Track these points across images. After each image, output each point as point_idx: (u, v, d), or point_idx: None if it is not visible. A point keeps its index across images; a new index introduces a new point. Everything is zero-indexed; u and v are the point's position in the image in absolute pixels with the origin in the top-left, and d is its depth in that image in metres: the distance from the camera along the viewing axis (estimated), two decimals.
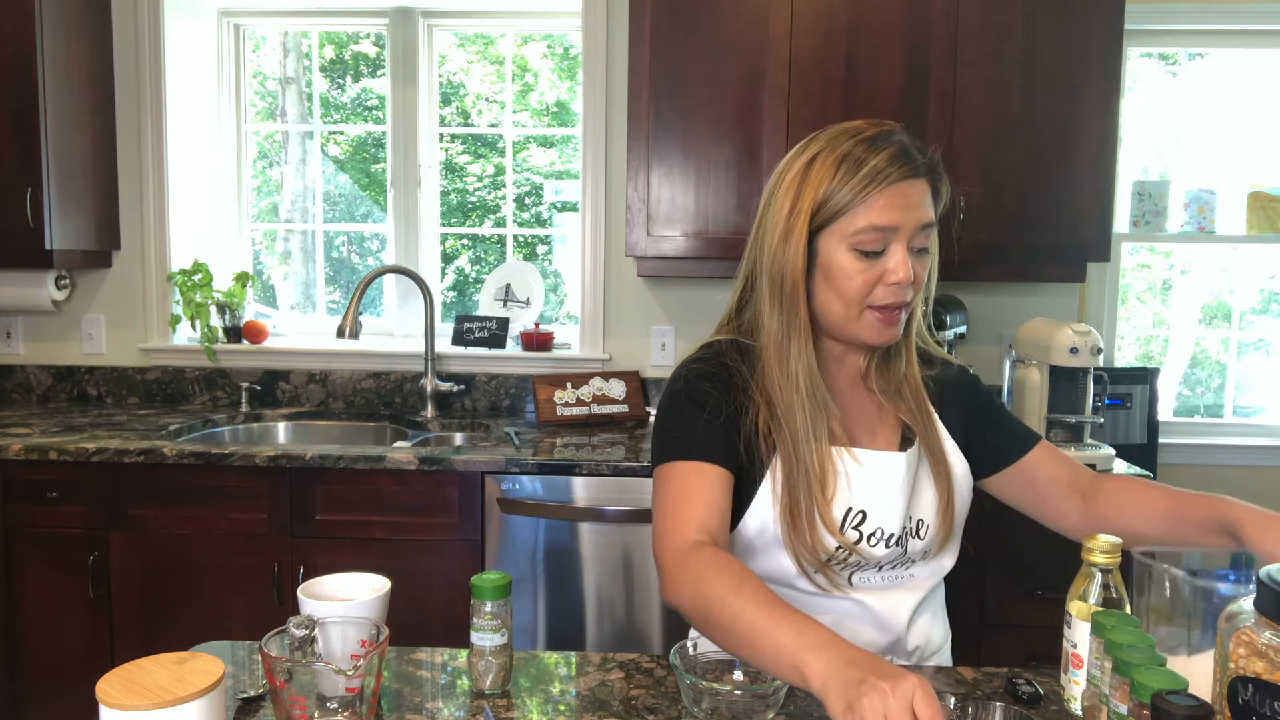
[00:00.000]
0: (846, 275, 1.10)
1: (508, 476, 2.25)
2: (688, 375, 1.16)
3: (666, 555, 1.05)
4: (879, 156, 1.08)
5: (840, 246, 1.10)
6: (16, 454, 2.26)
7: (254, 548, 2.29)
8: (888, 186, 1.07)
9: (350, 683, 0.88)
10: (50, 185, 2.58)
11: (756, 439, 1.12)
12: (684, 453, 1.10)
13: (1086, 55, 2.42)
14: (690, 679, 0.96)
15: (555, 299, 3.20)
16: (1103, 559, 1.01)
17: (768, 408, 1.13)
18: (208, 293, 2.89)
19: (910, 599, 1.18)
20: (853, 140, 1.10)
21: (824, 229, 1.10)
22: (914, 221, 1.10)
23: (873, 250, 1.09)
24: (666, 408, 1.16)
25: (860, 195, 1.07)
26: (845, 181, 1.08)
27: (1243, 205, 2.99)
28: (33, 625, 2.32)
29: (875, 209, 1.07)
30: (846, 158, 1.08)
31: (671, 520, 1.07)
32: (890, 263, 1.09)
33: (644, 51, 2.45)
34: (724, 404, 1.13)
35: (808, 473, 1.10)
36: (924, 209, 1.11)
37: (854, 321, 1.12)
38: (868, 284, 1.10)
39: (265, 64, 3.22)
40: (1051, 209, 2.46)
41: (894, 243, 1.09)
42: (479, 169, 3.26)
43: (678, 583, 1.01)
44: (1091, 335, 2.32)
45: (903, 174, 1.08)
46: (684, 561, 1.02)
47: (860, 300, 1.11)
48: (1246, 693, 0.75)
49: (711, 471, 1.09)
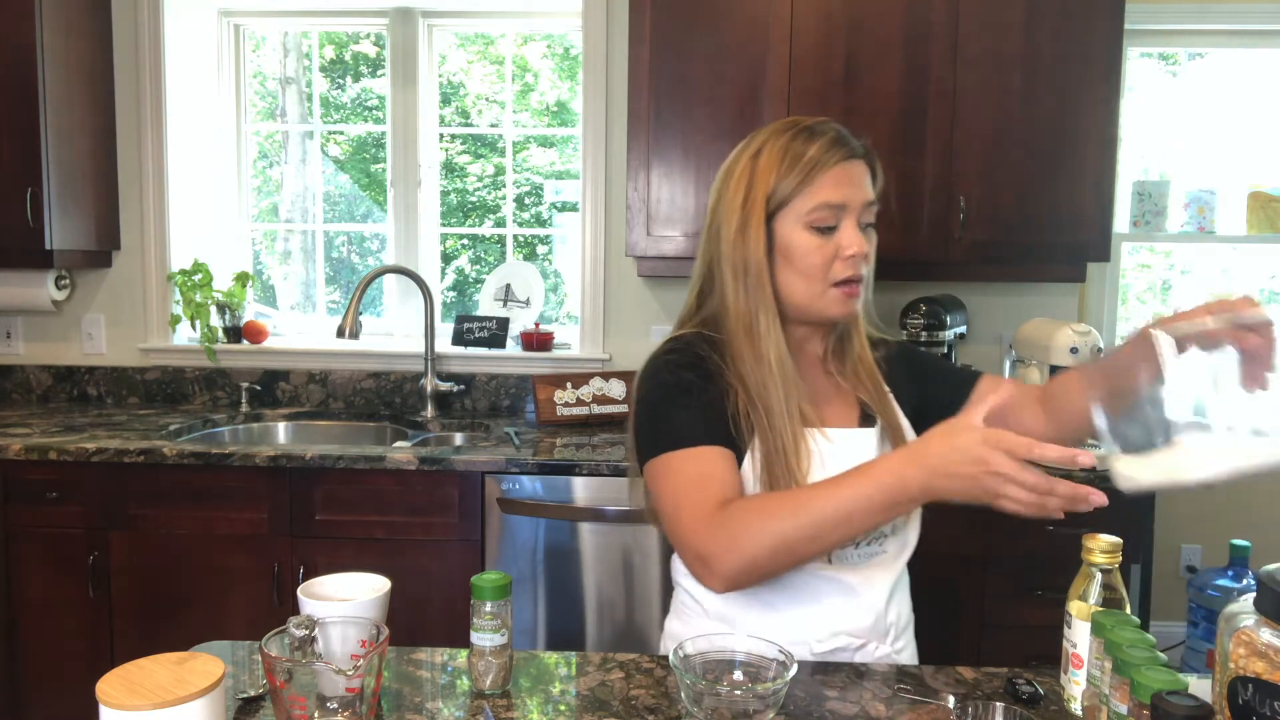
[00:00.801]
0: (805, 253, 1.16)
1: (508, 476, 2.25)
2: (667, 368, 1.18)
3: (699, 536, 1.06)
4: (819, 143, 1.16)
5: (796, 227, 1.16)
6: (16, 454, 2.26)
7: (254, 548, 2.29)
8: (832, 168, 1.15)
9: (350, 683, 0.88)
10: (50, 185, 2.58)
11: (737, 422, 1.16)
12: (688, 441, 1.12)
13: (1086, 55, 2.42)
14: (690, 679, 0.97)
15: (555, 299, 3.20)
16: (1103, 559, 1.01)
17: (744, 391, 1.16)
18: (208, 293, 2.89)
19: (886, 575, 1.21)
20: (793, 131, 1.18)
21: (778, 214, 1.17)
22: (860, 198, 1.17)
23: (827, 226, 1.16)
24: (653, 401, 1.17)
25: (809, 178, 1.15)
26: (793, 167, 1.15)
27: (1243, 205, 2.99)
28: (33, 625, 2.32)
29: (826, 188, 1.15)
30: (790, 147, 1.16)
31: (692, 506, 1.08)
32: (844, 237, 1.16)
33: (644, 51, 2.45)
34: (707, 389, 1.16)
35: (784, 451, 1.13)
36: (866, 187, 1.19)
37: (819, 299, 1.18)
38: (826, 259, 1.16)
39: (265, 64, 3.22)
40: (1051, 209, 2.45)
41: (845, 218, 1.17)
42: (479, 169, 3.26)
43: (729, 551, 1.03)
44: (1091, 335, 2.32)
45: (843, 155, 1.16)
46: (726, 527, 1.04)
47: (823, 276, 1.16)
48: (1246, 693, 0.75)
49: (717, 452, 1.12)
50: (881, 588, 1.20)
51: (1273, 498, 3.06)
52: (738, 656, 1.05)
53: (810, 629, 1.17)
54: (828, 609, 1.18)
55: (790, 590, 1.17)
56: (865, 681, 1.11)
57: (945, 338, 2.50)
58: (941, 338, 2.49)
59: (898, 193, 2.45)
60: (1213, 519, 3.06)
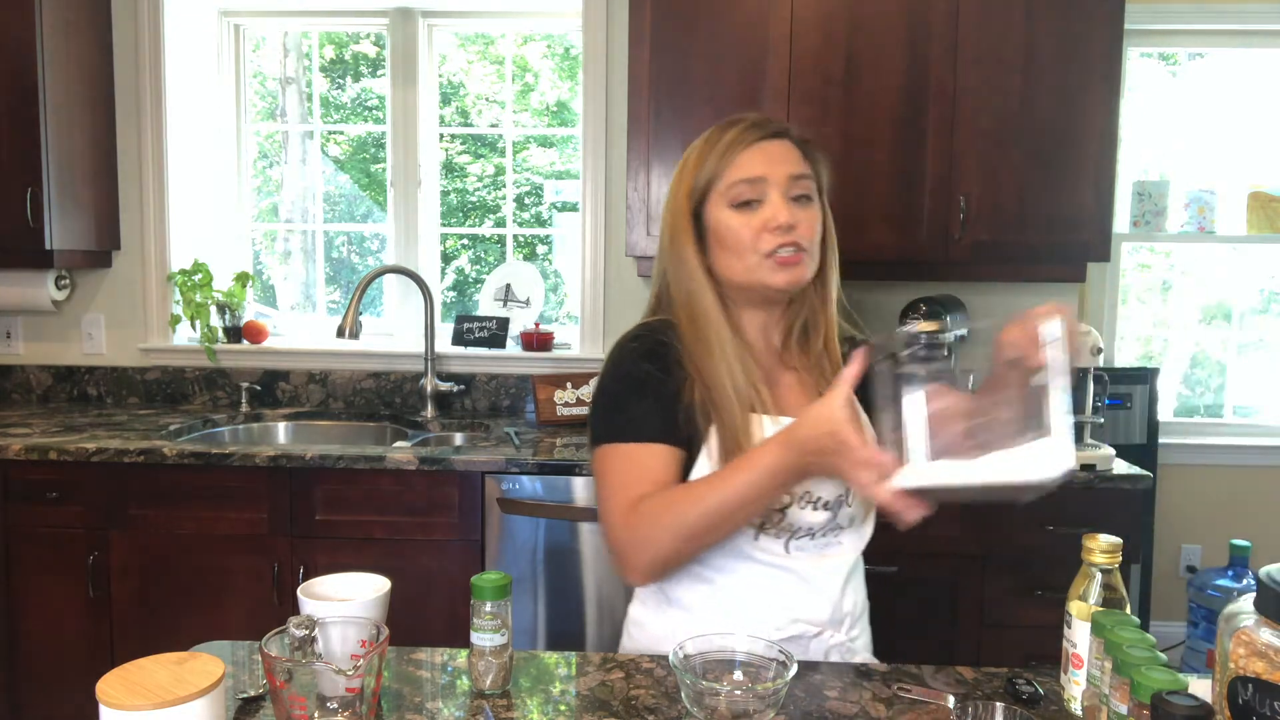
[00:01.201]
0: (732, 229, 1.19)
1: (508, 476, 2.25)
2: (630, 356, 1.21)
3: (615, 533, 1.14)
4: (735, 128, 1.21)
5: (720, 206, 1.20)
6: (16, 454, 2.26)
7: (254, 548, 2.29)
8: (747, 147, 1.19)
9: (350, 683, 0.88)
10: (50, 185, 2.58)
11: (694, 412, 1.17)
12: (628, 433, 1.17)
13: (1086, 55, 2.42)
14: (690, 679, 0.97)
15: (555, 299, 3.20)
16: (1103, 559, 1.01)
17: (700, 379, 1.18)
18: (208, 293, 2.89)
19: (841, 566, 1.22)
20: (716, 126, 1.23)
21: (704, 202, 1.21)
22: (782, 171, 1.19)
23: (748, 200, 1.18)
24: (610, 388, 1.21)
25: (724, 160, 1.19)
26: (709, 155, 1.21)
27: (1243, 205, 2.99)
28: (33, 625, 2.32)
29: (742, 166, 1.19)
30: (709, 138, 1.22)
31: (616, 501, 1.14)
32: (768, 209, 1.18)
33: (644, 51, 2.45)
34: (665, 382, 1.18)
35: (739, 437, 1.15)
36: (790, 162, 1.20)
37: (755, 271, 1.19)
38: (754, 233, 1.18)
39: (265, 64, 3.22)
40: (1051, 209, 2.45)
41: (768, 191, 1.18)
42: (479, 169, 3.26)
43: (642, 545, 1.11)
44: (1091, 335, 2.31)
45: (760, 135, 1.20)
46: (638, 522, 1.11)
47: (753, 248, 1.18)
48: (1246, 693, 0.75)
49: (656, 450, 1.16)
50: (837, 578, 1.21)
51: (1273, 498, 3.07)
52: (738, 656, 1.05)
53: (768, 617, 1.19)
54: (785, 598, 1.19)
55: (749, 579, 1.19)
56: (865, 681, 1.11)
57: (945, 338, 2.50)
58: (941, 338, 2.49)
59: (898, 193, 2.45)
60: (1213, 519, 3.06)
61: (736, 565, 1.19)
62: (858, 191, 2.45)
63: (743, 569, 1.19)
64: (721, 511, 1.07)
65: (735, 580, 1.19)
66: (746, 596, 1.19)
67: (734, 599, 1.19)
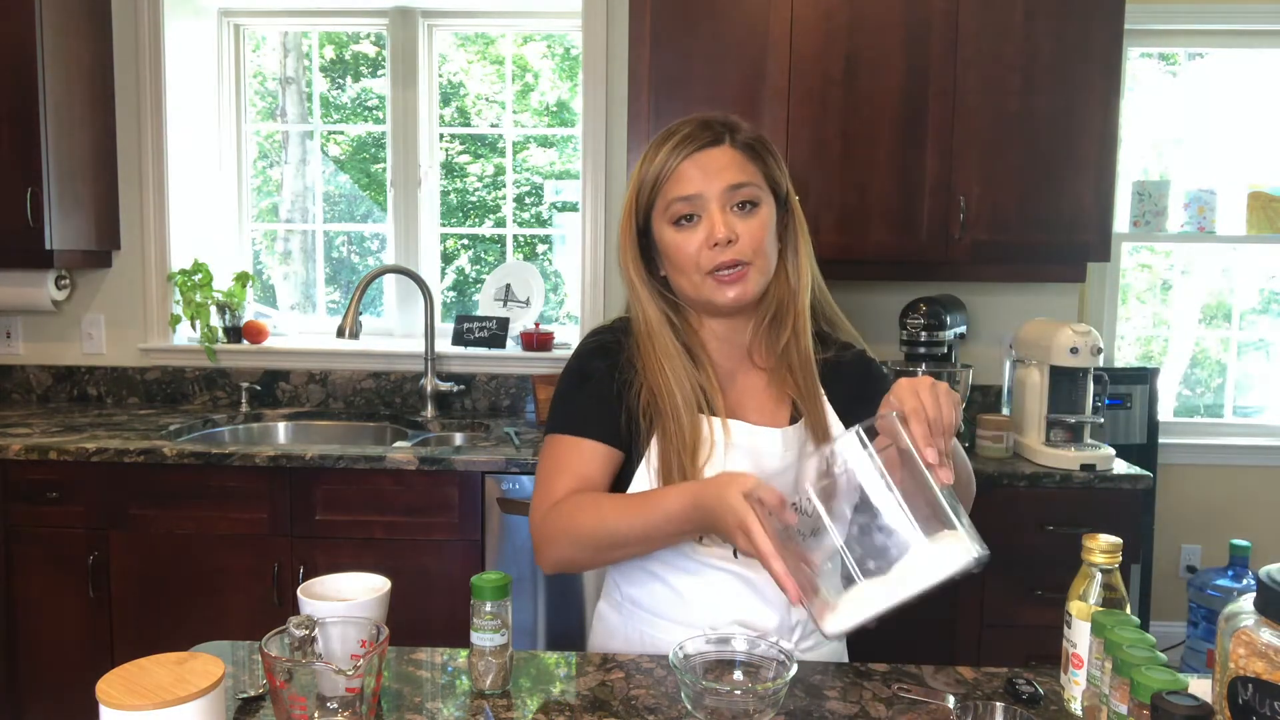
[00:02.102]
0: (675, 247, 1.18)
1: (508, 476, 2.25)
2: (586, 349, 1.25)
3: (535, 524, 1.17)
4: (670, 143, 1.18)
5: (663, 224, 1.19)
6: (16, 454, 2.26)
7: (254, 548, 2.29)
8: (686, 159, 1.16)
9: (350, 683, 0.88)
10: (50, 185, 2.58)
11: (639, 413, 1.19)
12: (568, 426, 1.19)
13: (1086, 55, 2.42)
14: (690, 679, 0.97)
15: (555, 299, 3.20)
16: (1103, 559, 1.01)
17: (647, 385, 1.19)
18: (208, 293, 2.89)
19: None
20: (657, 139, 1.20)
21: (650, 214, 1.20)
22: (718, 184, 1.15)
23: (686, 216, 1.17)
24: (562, 379, 1.25)
25: (662, 177, 1.17)
26: (649, 170, 1.19)
27: (1243, 205, 2.99)
28: (33, 625, 2.32)
29: (680, 181, 1.16)
30: (648, 155, 1.20)
31: (543, 491, 1.18)
32: (704, 226, 1.16)
33: (644, 51, 2.45)
34: (611, 379, 1.20)
35: (680, 441, 1.16)
36: (729, 171, 1.16)
37: (701, 289, 1.18)
38: (695, 250, 1.16)
39: (265, 64, 3.22)
40: (1051, 209, 2.46)
41: (706, 206, 1.16)
42: (479, 169, 3.26)
43: (549, 542, 1.15)
44: (1091, 335, 2.32)
45: (695, 146, 1.16)
46: (551, 519, 1.14)
47: (696, 267, 1.17)
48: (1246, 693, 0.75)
49: (590, 447, 1.18)
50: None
51: (1273, 498, 3.07)
52: (738, 656, 1.05)
53: (714, 618, 1.19)
54: (732, 602, 1.19)
55: (696, 579, 1.19)
56: (865, 681, 1.11)
57: (945, 338, 2.50)
58: (941, 338, 2.49)
59: (898, 193, 2.46)
60: (1213, 519, 3.07)
61: (685, 564, 1.20)
62: (858, 191, 2.45)
63: (691, 568, 1.19)
64: (624, 537, 1.09)
65: (683, 579, 1.20)
66: (693, 596, 1.20)
67: (680, 597, 1.20)
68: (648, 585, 1.23)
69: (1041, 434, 2.37)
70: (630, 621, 1.25)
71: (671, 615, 1.21)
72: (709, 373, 1.21)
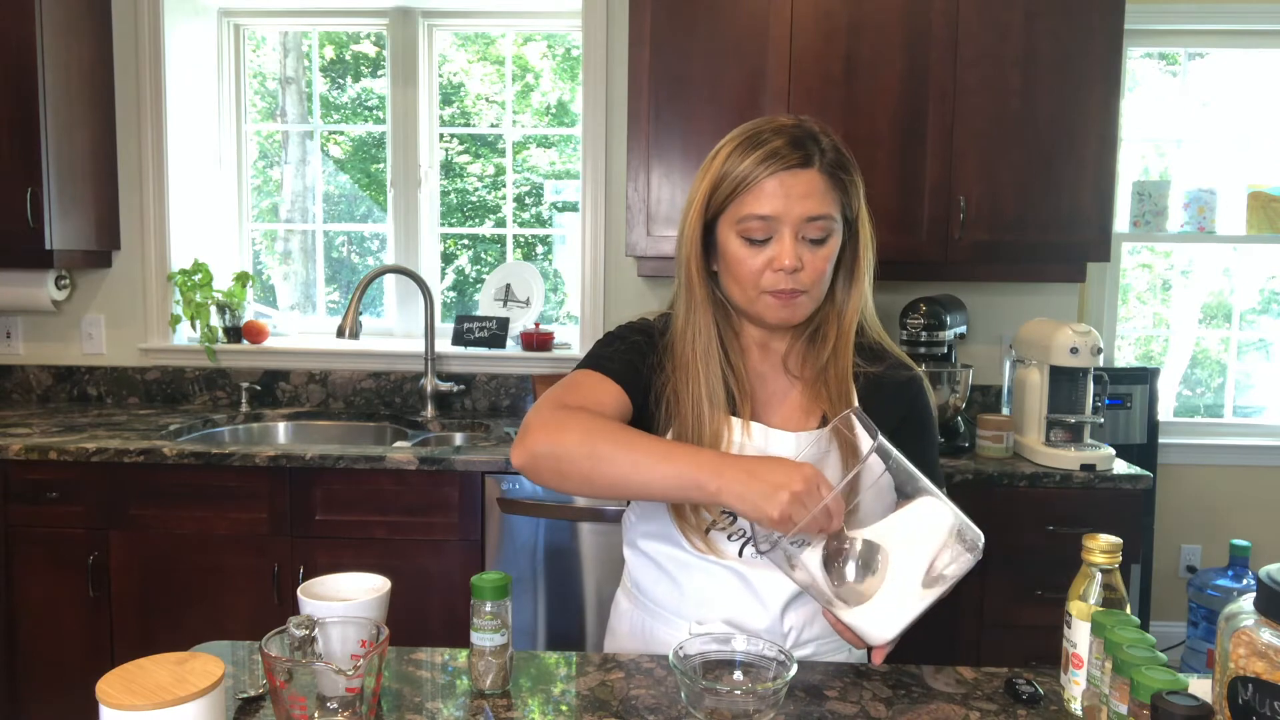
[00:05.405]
0: (738, 261, 1.15)
1: (508, 476, 2.25)
2: (630, 325, 1.26)
3: (537, 409, 1.10)
4: (757, 153, 1.11)
5: (730, 234, 1.15)
6: (16, 454, 2.26)
7: (254, 548, 2.29)
8: (771, 176, 1.11)
9: (350, 683, 0.88)
10: (50, 185, 2.58)
11: (660, 401, 1.18)
12: (596, 365, 1.18)
13: (1086, 55, 2.42)
14: (690, 679, 0.97)
15: (555, 299, 3.20)
16: (1103, 559, 1.01)
17: (672, 373, 1.19)
18: (208, 293, 2.89)
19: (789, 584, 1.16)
20: (741, 138, 1.14)
21: (719, 217, 1.16)
22: (798, 213, 1.11)
23: (757, 238, 1.13)
24: (598, 342, 1.24)
25: (739, 188, 1.12)
26: (730, 173, 1.13)
27: (1243, 205, 2.99)
28: (33, 625, 2.32)
29: (761, 197, 1.11)
30: (732, 155, 1.13)
31: (555, 394, 1.13)
32: (775, 250, 1.12)
33: (644, 51, 2.45)
34: (645, 355, 1.20)
35: (694, 438, 1.15)
36: (810, 200, 1.12)
37: (754, 304, 1.17)
38: (758, 269, 1.14)
39: (265, 64, 3.22)
40: (1051, 209, 2.46)
41: (780, 229, 1.12)
42: (479, 169, 3.26)
43: (542, 428, 1.06)
44: (1091, 335, 2.32)
45: (780, 167, 1.11)
46: (560, 413, 1.07)
47: (755, 284, 1.15)
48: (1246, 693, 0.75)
49: (612, 386, 1.15)
50: (782, 594, 1.18)
51: (1273, 498, 3.07)
52: (738, 656, 1.05)
53: (707, 613, 1.20)
54: (727, 599, 1.20)
55: (697, 573, 1.20)
56: (865, 682, 1.11)
57: (945, 338, 2.50)
58: (941, 338, 2.49)
59: (898, 193, 2.45)
60: (1213, 519, 3.07)
61: (687, 558, 1.20)
62: None
63: (695, 563, 1.20)
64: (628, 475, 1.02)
65: (683, 572, 1.21)
66: (689, 589, 1.21)
67: (678, 590, 1.22)
68: (651, 574, 1.25)
69: (1041, 434, 2.37)
70: (635, 609, 1.29)
71: (667, 606, 1.23)
72: (742, 375, 1.21)
